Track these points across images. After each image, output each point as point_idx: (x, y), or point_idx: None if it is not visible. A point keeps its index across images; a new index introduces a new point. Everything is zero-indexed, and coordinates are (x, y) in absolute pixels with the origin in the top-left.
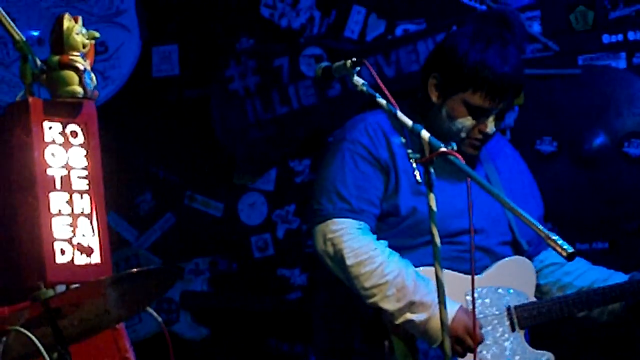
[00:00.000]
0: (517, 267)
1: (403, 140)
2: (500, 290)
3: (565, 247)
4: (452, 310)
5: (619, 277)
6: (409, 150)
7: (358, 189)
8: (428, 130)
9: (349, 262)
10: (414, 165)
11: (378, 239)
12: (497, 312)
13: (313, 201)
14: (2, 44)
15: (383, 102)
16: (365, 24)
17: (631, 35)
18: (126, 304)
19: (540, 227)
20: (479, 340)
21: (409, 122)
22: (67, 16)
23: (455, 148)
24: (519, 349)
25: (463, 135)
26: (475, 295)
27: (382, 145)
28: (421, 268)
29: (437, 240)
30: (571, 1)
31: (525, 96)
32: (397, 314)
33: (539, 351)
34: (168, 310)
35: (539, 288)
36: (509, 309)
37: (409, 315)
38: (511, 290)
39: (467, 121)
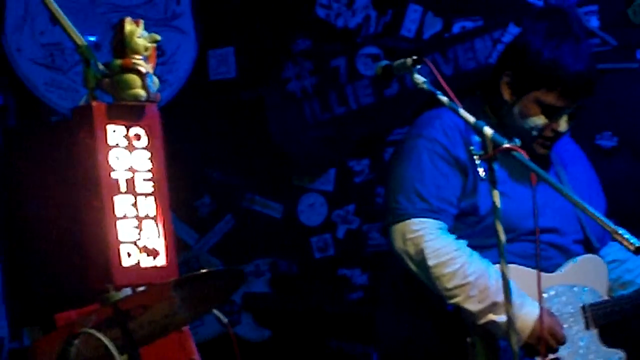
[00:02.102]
0: (591, 265)
1: (478, 139)
2: (575, 289)
3: (632, 241)
4: (534, 310)
5: None
6: (472, 147)
7: (437, 189)
8: (499, 129)
9: (430, 262)
10: (477, 162)
11: (456, 238)
12: (572, 311)
13: (389, 200)
14: (60, 50)
15: (445, 99)
16: (421, 22)
17: None
18: (192, 306)
19: (608, 222)
20: (562, 342)
21: (472, 119)
22: (128, 20)
23: (519, 144)
24: (592, 347)
25: (535, 134)
26: (552, 292)
27: (459, 144)
28: (497, 266)
29: (503, 237)
30: None
31: None
32: (479, 315)
33: (612, 349)
34: (230, 312)
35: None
36: (584, 307)
37: (491, 316)
38: (586, 289)
39: (540, 120)
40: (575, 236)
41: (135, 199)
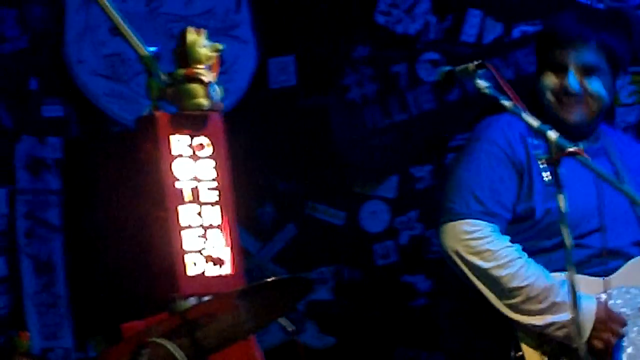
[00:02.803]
0: None
1: (537, 142)
2: (632, 290)
3: None
4: (592, 301)
5: None
6: (537, 152)
7: (493, 192)
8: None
9: (488, 264)
10: (541, 166)
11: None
12: (629, 313)
13: (444, 199)
14: (121, 60)
15: (508, 103)
16: (481, 27)
17: None
18: (259, 314)
19: None
20: (621, 335)
21: (536, 123)
22: (191, 29)
23: (583, 147)
24: None
25: (550, 97)
26: (605, 297)
27: (519, 146)
28: (554, 274)
29: (569, 242)
30: None
31: None
32: (539, 316)
33: None
34: (293, 319)
35: None
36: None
37: (550, 318)
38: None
39: (548, 78)
40: (633, 237)
41: (200, 208)
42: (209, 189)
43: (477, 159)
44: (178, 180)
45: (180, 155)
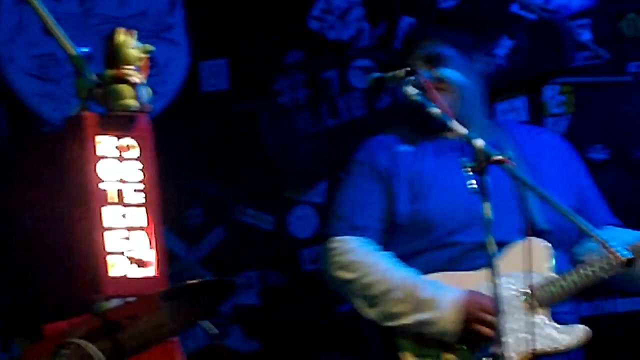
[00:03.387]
0: (528, 249)
1: (404, 148)
2: (511, 277)
3: (622, 253)
4: (458, 294)
5: None
6: (463, 159)
7: (356, 206)
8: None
9: (354, 275)
10: (468, 174)
11: (386, 249)
12: (510, 297)
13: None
14: (53, 61)
15: (437, 111)
16: None
17: None
18: (182, 316)
19: (597, 233)
20: (496, 325)
21: (464, 131)
22: (121, 30)
23: (511, 156)
24: (545, 331)
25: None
26: (483, 291)
27: (383, 156)
28: (427, 276)
29: (493, 248)
30: (622, 8)
31: (576, 104)
32: (408, 316)
33: (569, 326)
34: (219, 323)
35: None
36: (524, 292)
37: (418, 316)
38: (522, 274)
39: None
40: (514, 224)
41: (126, 209)
42: (134, 190)
43: (344, 180)
44: (102, 181)
45: (107, 156)
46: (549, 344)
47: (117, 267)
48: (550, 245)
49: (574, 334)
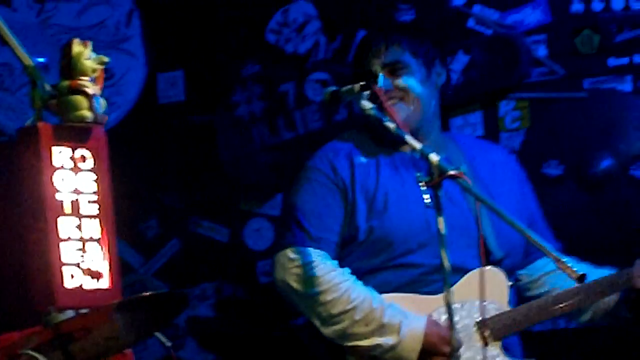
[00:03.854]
0: (486, 278)
1: (362, 160)
2: (465, 306)
3: (575, 269)
4: (420, 323)
5: None
6: (418, 174)
7: (317, 217)
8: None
9: (313, 291)
10: (423, 188)
11: (340, 265)
12: (464, 328)
13: (276, 233)
14: (9, 70)
15: (391, 125)
16: None
17: (637, 59)
18: (135, 329)
19: (551, 249)
20: (458, 346)
21: (418, 145)
22: (77, 41)
23: (465, 171)
24: None
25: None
26: (438, 316)
27: (342, 166)
28: (384, 295)
29: (447, 264)
30: (577, 25)
31: (532, 119)
32: (366, 339)
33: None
34: (174, 336)
35: (540, 296)
36: (477, 322)
37: (377, 340)
38: (477, 303)
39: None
40: (470, 250)
41: (80, 221)
42: (89, 202)
43: (302, 187)
44: (58, 191)
45: (62, 167)
46: None
47: (72, 279)
48: (505, 275)
49: None
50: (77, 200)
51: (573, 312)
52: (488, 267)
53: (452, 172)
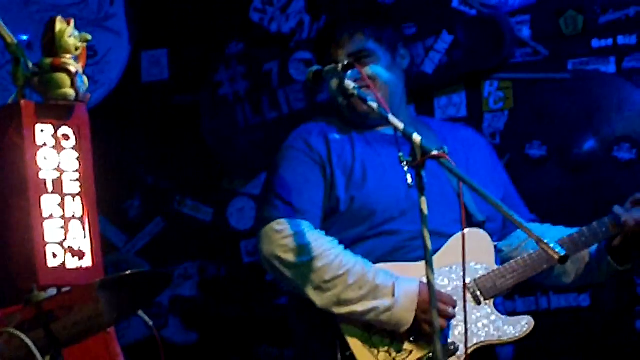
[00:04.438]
0: (469, 240)
1: (337, 136)
2: (454, 268)
3: (557, 250)
4: (413, 284)
5: None
6: (400, 154)
7: (298, 190)
8: (347, 116)
9: (304, 259)
10: (406, 168)
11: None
12: (456, 291)
13: (257, 211)
14: None
15: (374, 105)
16: None
17: (620, 40)
18: (117, 307)
19: (532, 229)
20: (452, 303)
21: (401, 125)
22: (59, 19)
23: (447, 151)
24: (490, 322)
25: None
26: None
27: (319, 142)
28: (376, 265)
29: (429, 243)
30: (561, 6)
31: (515, 100)
32: (361, 303)
33: (515, 317)
34: (157, 314)
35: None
36: (468, 284)
37: (373, 303)
38: (466, 265)
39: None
40: (451, 216)
41: (62, 199)
42: (71, 180)
43: (280, 166)
44: (41, 170)
45: (45, 145)
46: (495, 335)
47: (55, 257)
48: (489, 236)
49: (518, 326)
50: (59, 178)
51: (558, 273)
52: (472, 230)
53: (435, 153)
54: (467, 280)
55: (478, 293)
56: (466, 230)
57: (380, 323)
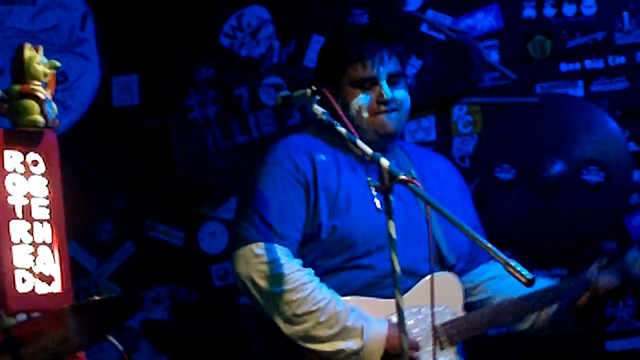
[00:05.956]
0: (439, 283)
1: (323, 157)
2: (423, 310)
3: (524, 273)
4: (382, 326)
5: None
6: (369, 178)
7: (281, 213)
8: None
9: (279, 289)
10: (374, 193)
11: (302, 264)
12: (421, 334)
13: (235, 226)
14: None
15: (343, 130)
16: None
17: (588, 64)
18: (87, 332)
19: (498, 252)
20: (416, 347)
21: (369, 150)
22: (28, 46)
23: (415, 176)
24: None
25: (365, 114)
26: (396, 319)
27: (304, 163)
28: (344, 298)
29: (398, 268)
30: (529, 30)
31: (484, 124)
32: (329, 342)
33: None
34: (128, 338)
35: (480, 302)
36: (434, 328)
37: (341, 344)
38: (435, 309)
39: (362, 98)
40: (423, 254)
41: (32, 225)
42: (40, 206)
43: (263, 182)
44: (10, 195)
45: (14, 171)
46: None
47: (24, 283)
48: (460, 281)
49: None
50: (29, 204)
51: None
52: (443, 272)
53: (402, 177)
54: (433, 326)
55: (443, 338)
56: (437, 274)
57: None
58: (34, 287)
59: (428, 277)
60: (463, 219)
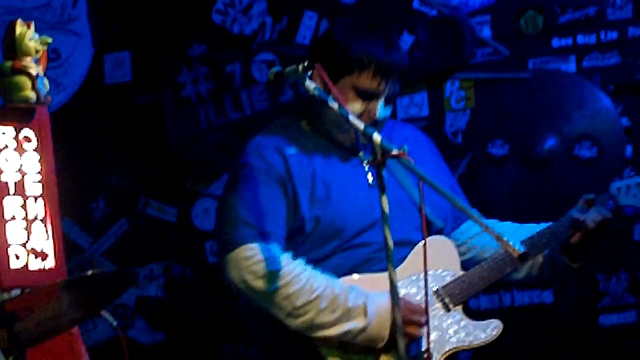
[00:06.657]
0: (433, 247)
1: (293, 151)
2: (422, 276)
3: (516, 247)
4: (384, 299)
5: None
6: (361, 153)
7: (261, 212)
8: (317, 126)
9: (275, 286)
10: (366, 168)
11: (294, 256)
12: (423, 299)
13: (219, 233)
14: None
15: (335, 105)
16: (317, 29)
17: (580, 39)
18: (80, 307)
19: (490, 226)
20: (422, 311)
21: (361, 125)
22: (19, 22)
23: (407, 150)
24: (461, 327)
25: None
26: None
27: (276, 160)
28: (341, 279)
29: (390, 242)
30: (521, 5)
31: (477, 100)
32: (334, 327)
33: (484, 321)
34: (123, 315)
35: (471, 259)
36: (436, 291)
37: (346, 326)
38: (431, 273)
39: (357, 106)
40: (413, 223)
41: (25, 201)
42: (33, 182)
43: (238, 185)
44: (3, 172)
45: (6, 147)
46: (466, 340)
47: (17, 259)
48: (457, 239)
49: (488, 330)
50: (21, 180)
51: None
52: (435, 237)
53: (395, 152)
54: (435, 288)
55: (447, 300)
56: (429, 238)
57: (356, 343)
58: (27, 263)
59: (421, 243)
60: (441, 182)
